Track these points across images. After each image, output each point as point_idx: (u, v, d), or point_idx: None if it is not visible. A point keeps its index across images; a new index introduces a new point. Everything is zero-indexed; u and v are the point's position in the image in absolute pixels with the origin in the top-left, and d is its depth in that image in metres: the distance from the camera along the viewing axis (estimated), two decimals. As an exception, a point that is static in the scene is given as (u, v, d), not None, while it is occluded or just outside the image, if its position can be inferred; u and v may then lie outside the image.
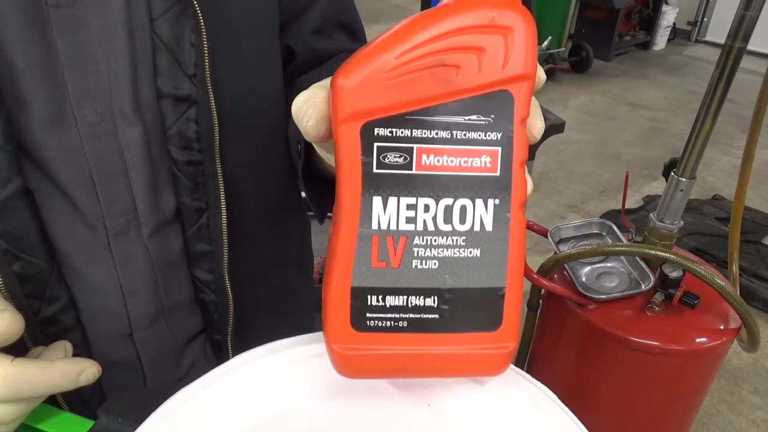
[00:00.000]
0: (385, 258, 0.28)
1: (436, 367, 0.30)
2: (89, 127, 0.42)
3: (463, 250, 0.28)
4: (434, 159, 0.27)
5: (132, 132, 0.43)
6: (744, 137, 1.08)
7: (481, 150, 0.28)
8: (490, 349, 0.29)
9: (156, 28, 0.42)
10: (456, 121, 0.27)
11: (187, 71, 0.43)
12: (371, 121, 0.27)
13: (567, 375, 1.24)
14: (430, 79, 0.26)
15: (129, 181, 0.45)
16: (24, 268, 0.42)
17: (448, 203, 0.28)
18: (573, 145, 3.35)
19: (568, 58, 4.37)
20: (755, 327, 1.02)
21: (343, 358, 0.29)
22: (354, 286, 0.28)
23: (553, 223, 2.31)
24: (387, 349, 0.29)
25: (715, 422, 1.72)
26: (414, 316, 0.29)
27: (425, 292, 0.29)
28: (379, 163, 0.27)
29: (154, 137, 0.45)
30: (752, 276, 2.18)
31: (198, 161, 0.46)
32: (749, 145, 1.07)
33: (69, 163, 0.42)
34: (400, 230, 0.28)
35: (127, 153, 0.44)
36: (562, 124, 1.39)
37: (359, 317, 0.28)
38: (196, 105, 0.44)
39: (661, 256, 1.04)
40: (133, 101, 0.43)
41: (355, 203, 0.27)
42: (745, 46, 0.94)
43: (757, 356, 1.93)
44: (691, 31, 5.36)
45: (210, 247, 0.49)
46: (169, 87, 0.43)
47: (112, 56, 0.41)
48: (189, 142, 0.45)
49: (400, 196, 0.28)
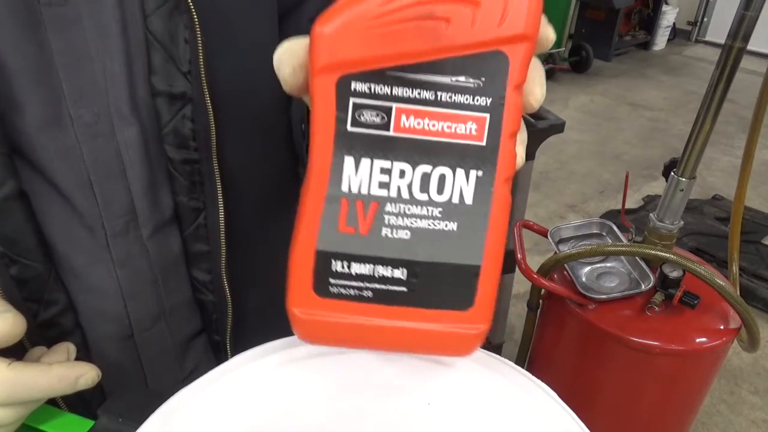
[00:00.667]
0: (354, 223, 0.26)
1: (401, 341, 0.29)
2: (86, 128, 0.41)
3: (439, 223, 0.26)
4: (414, 121, 0.25)
5: (129, 131, 0.43)
6: (744, 137, 1.08)
7: (468, 116, 0.25)
8: (459, 329, 0.28)
9: (149, 25, 0.41)
10: (441, 81, 0.25)
11: (182, 68, 0.42)
12: (349, 75, 0.25)
13: (567, 375, 1.24)
14: (416, 32, 0.24)
15: (127, 181, 0.44)
16: (21, 272, 0.41)
17: (426, 171, 0.26)
18: (573, 145, 3.35)
19: (568, 58, 4.37)
20: (755, 327, 1.02)
21: (301, 322, 0.27)
22: (318, 250, 0.26)
23: (553, 223, 2.31)
24: (349, 318, 0.27)
25: (715, 422, 1.72)
26: (380, 287, 0.27)
27: (394, 263, 0.27)
28: (354, 120, 0.25)
29: (151, 136, 0.44)
30: (752, 276, 2.18)
31: (194, 160, 0.45)
32: (749, 145, 1.07)
33: (66, 164, 0.42)
34: (371, 195, 0.26)
35: (125, 153, 0.43)
36: (562, 124, 1.39)
37: (322, 282, 0.27)
38: (192, 102, 0.43)
39: (661, 256, 1.04)
40: (130, 100, 0.42)
41: (325, 162, 0.26)
42: (745, 46, 0.94)
43: (757, 356, 1.93)
44: (691, 31, 5.37)
45: (208, 247, 0.49)
46: (164, 84, 0.42)
47: (106, 54, 0.40)
48: (185, 141, 0.44)
49: (374, 158, 0.26)
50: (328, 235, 0.26)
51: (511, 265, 1.62)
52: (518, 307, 2.08)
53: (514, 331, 2.00)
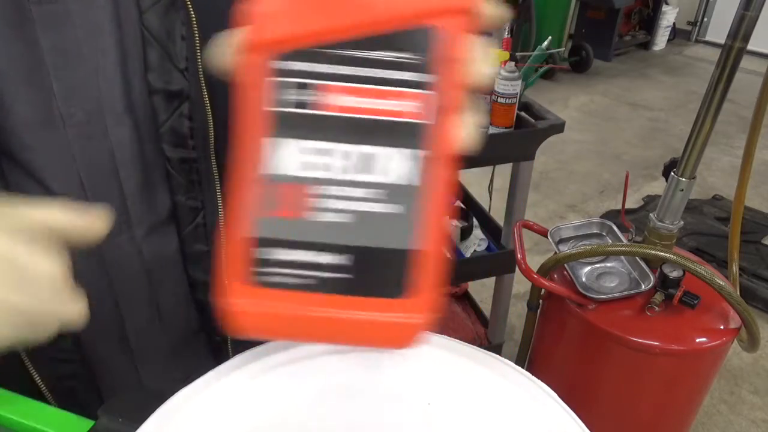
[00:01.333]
0: (285, 207, 0.25)
1: (337, 332, 0.27)
2: (78, 127, 0.41)
3: (375, 205, 0.25)
4: (348, 99, 0.24)
5: (122, 130, 0.42)
6: (744, 137, 1.08)
7: (402, 92, 0.24)
8: (397, 319, 0.26)
9: (145, 21, 0.40)
10: (372, 57, 0.24)
11: (179, 65, 0.42)
12: (279, 53, 0.24)
13: (567, 375, 1.24)
14: (345, 3, 0.23)
15: (120, 181, 0.43)
16: None
17: (362, 151, 0.25)
18: (573, 145, 3.35)
19: (568, 58, 4.37)
20: (755, 327, 1.02)
21: (234, 314, 0.26)
22: (250, 236, 0.25)
23: (553, 223, 2.31)
24: (284, 308, 0.26)
25: (715, 422, 1.72)
26: (316, 274, 0.25)
27: (329, 248, 0.25)
28: (286, 100, 0.24)
29: (146, 135, 0.43)
30: (752, 276, 2.18)
31: (192, 159, 0.45)
32: (749, 145, 1.07)
33: (57, 165, 0.41)
34: (305, 177, 0.24)
35: (118, 152, 0.42)
36: (562, 124, 1.39)
37: (254, 270, 0.25)
38: (189, 100, 0.43)
39: (661, 256, 1.04)
40: (124, 98, 0.42)
41: (255, 145, 0.24)
42: (745, 46, 0.94)
43: (757, 356, 1.93)
44: (691, 31, 5.36)
45: (207, 246, 0.48)
46: (161, 82, 0.42)
47: (99, 51, 0.40)
48: (182, 139, 0.44)
49: (307, 139, 0.24)
50: (259, 221, 0.25)
51: (511, 265, 1.63)
52: (518, 307, 2.08)
53: (514, 331, 2.00)
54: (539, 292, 1.25)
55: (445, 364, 0.34)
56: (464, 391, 0.34)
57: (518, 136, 1.39)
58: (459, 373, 0.34)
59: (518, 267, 1.16)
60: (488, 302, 1.87)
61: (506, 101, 1.32)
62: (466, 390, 0.34)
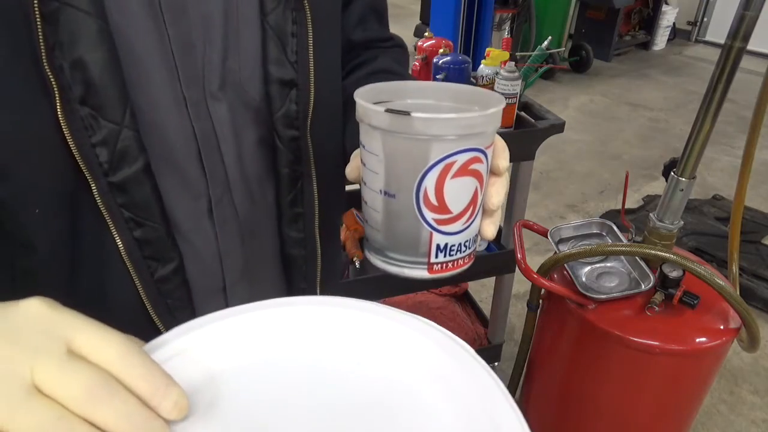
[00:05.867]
0: None
1: None
2: (195, 107, 0.47)
3: None
4: None
5: (221, 109, 0.49)
6: (744, 137, 1.08)
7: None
8: None
9: (269, 21, 0.48)
10: None
11: (290, 58, 0.49)
12: None
13: (567, 375, 1.24)
14: None
15: (221, 154, 0.50)
16: (145, 234, 0.47)
17: None
18: (573, 145, 3.35)
19: (568, 58, 4.37)
20: (755, 327, 1.02)
21: None
22: None
23: (553, 223, 2.31)
24: None
25: (715, 422, 1.72)
26: None
27: None
28: None
29: (238, 113, 0.50)
30: (752, 276, 2.18)
31: (296, 137, 0.52)
32: (749, 145, 1.07)
33: (181, 140, 0.48)
34: None
35: (219, 129, 0.49)
36: (562, 124, 1.39)
37: None
38: (297, 88, 0.50)
39: (661, 256, 1.04)
40: (220, 80, 0.48)
41: None
42: (745, 46, 0.94)
43: (757, 356, 1.94)
44: (691, 31, 5.37)
45: (302, 209, 0.56)
46: (278, 72, 0.49)
47: (207, 42, 0.46)
48: (291, 121, 0.51)
49: None
50: None
51: (511, 265, 1.63)
52: (518, 307, 2.08)
53: (514, 331, 2.00)
54: (539, 292, 1.25)
55: None
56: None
57: (518, 136, 1.39)
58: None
59: (518, 267, 1.16)
60: (488, 302, 1.88)
61: (506, 101, 1.32)
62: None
